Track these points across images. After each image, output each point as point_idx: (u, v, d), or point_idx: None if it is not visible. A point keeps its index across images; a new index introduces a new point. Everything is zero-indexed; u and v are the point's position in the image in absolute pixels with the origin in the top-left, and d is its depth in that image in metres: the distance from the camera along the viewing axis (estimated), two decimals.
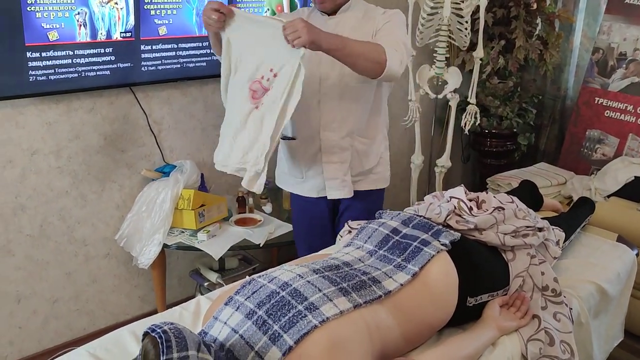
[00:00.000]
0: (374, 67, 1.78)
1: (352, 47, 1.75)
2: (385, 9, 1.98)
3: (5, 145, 2.10)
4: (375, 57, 1.77)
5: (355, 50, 1.75)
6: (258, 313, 1.21)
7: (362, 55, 1.76)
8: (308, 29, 1.64)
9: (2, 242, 2.18)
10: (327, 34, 1.72)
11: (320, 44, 1.68)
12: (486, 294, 1.49)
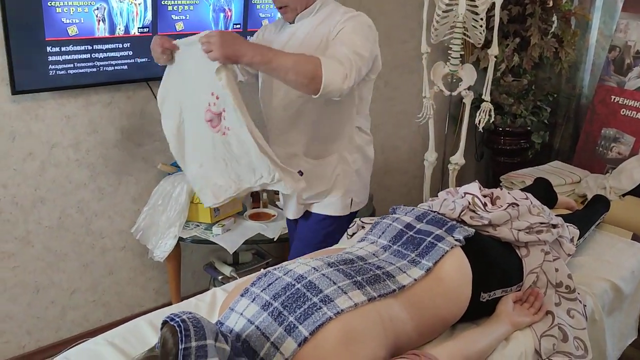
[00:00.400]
0: (307, 84, 1.58)
1: (279, 61, 1.57)
2: (351, 11, 1.80)
3: (26, 138, 2.14)
4: (308, 72, 1.57)
5: (283, 64, 1.57)
6: (274, 305, 1.23)
7: (291, 70, 1.57)
8: (222, 42, 1.51)
9: (22, 233, 2.22)
10: (250, 47, 1.57)
11: (238, 58, 1.55)
12: (499, 289, 1.50)
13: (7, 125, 2.09)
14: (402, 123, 3.48)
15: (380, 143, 3.42)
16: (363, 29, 1.75)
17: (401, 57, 3.32)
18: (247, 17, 2.53)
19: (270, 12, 2.60)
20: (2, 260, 2.20)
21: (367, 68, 1.75)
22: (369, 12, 3.02)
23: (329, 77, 1.58)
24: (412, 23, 3.29)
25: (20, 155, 2.14)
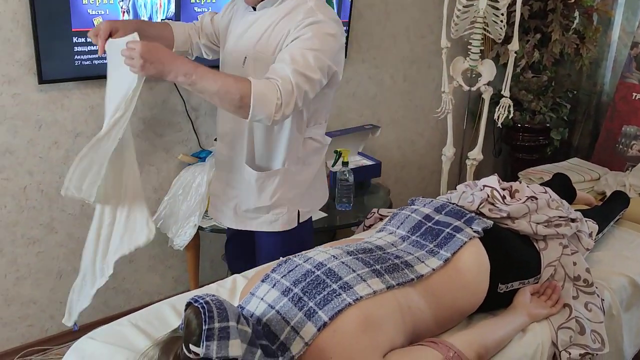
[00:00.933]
0: (234, 111, 1.48)
1: (203, 83, 1.45)
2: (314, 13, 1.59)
3: (52, 126, 2.18)
4: (234, 100, 1.44)
5: (208, 88, 1.45)
6: (294, 290, 1.25)
7: (215, 95, 1.46)
8: (146, 57, 1.40)
9: (47, 219, 2.27)
10: (175, 65, 1.43)
11: (163, 75, 1.44)
12: (517, 281, 1.51)
13: (34, 114, 2.13)
14: (420, 118, 3.49)
15: (397, 137, 3.43)
16: (322, 41, 1.56)
17: (419, 52, 3.32)
18: None
19: None
20: (27, 246, 2.25)
21: (316, 89, 1.57)
22: (387, 6, 3.05)
23: (259, 107, 1.45)
24: (432, 18, 3.29)
25: (45, 143, 2.19)
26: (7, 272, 2.23)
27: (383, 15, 3.07)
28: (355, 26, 2.96)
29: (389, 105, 3.30)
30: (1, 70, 2.03)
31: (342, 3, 2.78)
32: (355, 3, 2.87)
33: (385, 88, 3.24)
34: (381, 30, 3.10)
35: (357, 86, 3.11)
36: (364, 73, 3.11)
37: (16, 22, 2.01)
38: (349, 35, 2.89)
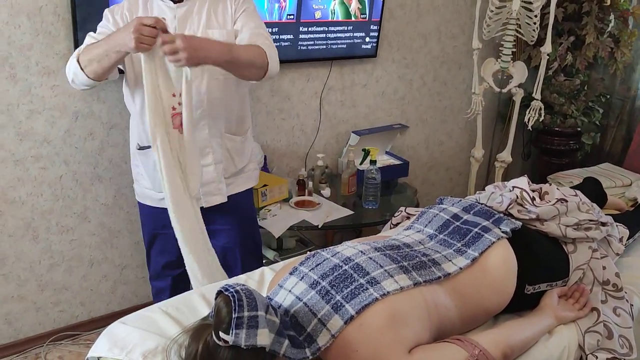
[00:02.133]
0: (259, 73, 1.73)
1: (239, 56, 1.64)
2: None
3: (88, 118, 2.24)
4: (261, 62, 1.70)
5: (243, 58, 1.65)
6: (322, 284, 1.27)
7: (250, 63, 1.68)
8: (189, 48, 1.50)
9: (80, 209, 2.33)
10: (213, 48, 1.58)
11: (207, 61, 1.57)
12: (545, 283, 1.50)
13: (72, 105, 2.20)
14: (449, 118, 3.47)
15: (426, 138, 3.42)
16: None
17: (450, 53, 3.31)
18: (300, 8, 2.58)
19: (323, 4, 2.64)
20: (62, 234, 2.32)
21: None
22: (419, 6, 3.05)
23: (272, 63, 1.74)
24: (463, 18, 3.28)
25: (81, 134, 2.25)
26: (41, 259, 2.30)
27: (414, 15, 3.07)
28: (387, 25, 2.97)
29: (418, 105, 3.30)
30: (42, 62, 2.09)
31: (373, 2, 2.79)
32: (386, 3, 2.88)
33: (414, 88, 3.24)
34: (412, 30, 3.10)
35: (387, 85, 3.11)
36: (394, 73, 3.12)
37: (57, 16, 2.07)
38: (379, 34, 2.89)
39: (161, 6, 1.78)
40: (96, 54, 1.62)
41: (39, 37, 2.06)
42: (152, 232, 2.01)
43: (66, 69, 1.73)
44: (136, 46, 1.52)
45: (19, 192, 2.18)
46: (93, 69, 1.64)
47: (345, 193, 2.72)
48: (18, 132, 2.12)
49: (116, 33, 1.61)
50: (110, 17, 1.77)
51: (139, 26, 1.51)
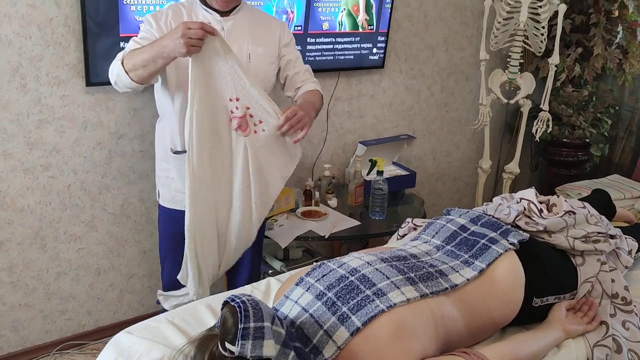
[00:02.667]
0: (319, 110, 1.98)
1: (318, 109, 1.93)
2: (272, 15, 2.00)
3: (97, 128, 2.26)
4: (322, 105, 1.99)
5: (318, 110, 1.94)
6: (328, 295, 1.27)
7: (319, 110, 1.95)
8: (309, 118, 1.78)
9: (88, 218, 2.34)
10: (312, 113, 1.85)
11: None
12: (553, 295, 1.49)
13: (81, 115, 2.21)
14: (456, 129, 3.47)
15: (433, 149, 3.42)
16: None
17: (458, 64, 3.31)
18: (308, 19, 2.60)
19: (331, 15, 2.66)
20: (69, 242, 2.33)
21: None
22: (426, 18, 3.06)
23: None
24: (471, 30, 3.28)
25: (90, 144, 2.27)
26: (49, 267, 2.31)
27: (422, 26, 3.08)
28: (394, 37, 2.98)
29: (425, 116, 3.30)
30: (52, 73, 2.11)
31: (381, 14, 2.81)
32: (394, 14, 2.89)
33: (422, 99, 3.24)
34: (419, 42, 3.11)
35: (394, 96, 3.12)
36: (401, 83, 3.12)
37: (68, 27, 2.09)
38: (387, 45, 2.90)
39: (207, 17, 1.85)
40: (142, 59, 1.67)
41: (50, 48, 2.09)
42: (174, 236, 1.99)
43: (109, 71, 1.79)
44: (187, 50, 1.59)
45: (28, 200, 2.20)
46: (139, 74, 1.69)
47: (352, 203, 2.72)
48: (28, 141, 2.14)
49: (162, 39, 1.65)
50: (154, 23, 1.81)
51: (186, 30, 1.57)
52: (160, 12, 1.85)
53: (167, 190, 2.00)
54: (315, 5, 2.59)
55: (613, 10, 3.17)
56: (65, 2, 2.07)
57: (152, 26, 1.81)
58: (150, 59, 1.66)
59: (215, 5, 1.83)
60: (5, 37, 2.00)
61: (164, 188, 2.01)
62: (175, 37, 1.58)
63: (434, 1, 3.07)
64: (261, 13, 2.02)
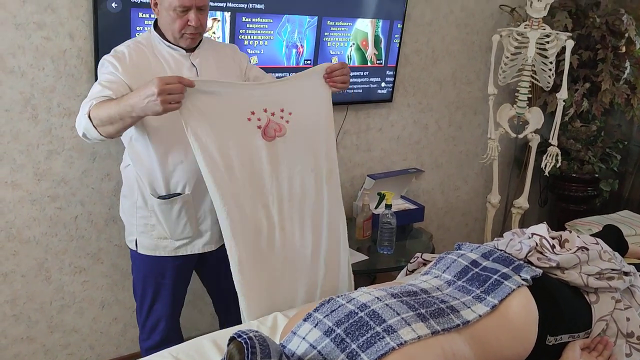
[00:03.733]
0: None
1: None
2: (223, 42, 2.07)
3: (105, 159, 2.27)
4: None
5: None
6: (336, 331, 1.24)
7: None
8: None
9: (94, 250, 2.33)
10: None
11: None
12: (567, 334, 1.45)
13: (90, 147, 2.22)
14: (465, 163, 3.46)
15: (441, 182, 3.40)
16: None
17: (466, 98, 3.33)
18: (317, 53, 2.62)
19: (340, 50, 2.68)
20: (74, 274, 2.31)
21: None
22: (434, 52, 3.09)
23: None
24: (478, 64, 3.31)
25: (98, 175, 2.27)
26: (52, 300, 2.29)
27: (430, 61, 3.11)
28: (402, 71, 3.00)
29: (433, 149, 3.30)
30: (63, 104, 2.13)
31: (389, 48, 2.83)
32: (402, 49, 2.92)
33: (430, 132, 3.24)
34: (427, 76, 3.13)
35: (402, 130, 3.12)
36: (409, 117, 3.13)
37: (80, 59, 2.12)
38: (395, 79, 2.92)
39: (173, 54, 1.78)
40: (108, 115, 1.55)
41: (62, 79, 2.11)
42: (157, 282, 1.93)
43: (76, 123, 1.66)
44: (164, 108, 1.48)
45: (34, 231, 2.19)
46: (106, 130, 1.59)
47: (360, 237, 2.70)
48: (36, 172, 2.14)
49: (130, 97, 1.53)
50: (119, 66, 1.70)
51: (164, 86, 1.46)
52: (121, 53, 1.74)
53: (148, 238, 1.87)
54: (325, 40, 2.62)
55: (620, 46, 3.19)
56: (79, 34, 2.10)
57: (117, 69, 1.69)
58: (118, 116, 1.54)
59: (183, 44, 1.76)
60: (18, 68, 2.03)
61: (143, 236, 1.88)
62: (148, 95, 1.46)
63: (441, 36, 3.10)
64: (216, 43, 1.98)
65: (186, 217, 1.83)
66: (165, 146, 1.75)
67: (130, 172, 1.87)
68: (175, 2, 1.67)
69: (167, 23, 1.73)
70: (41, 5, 2.02)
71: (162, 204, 1.80)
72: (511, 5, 3.25)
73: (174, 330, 2.04)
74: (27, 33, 2.01)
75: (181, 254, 1.90)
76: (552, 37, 2.82)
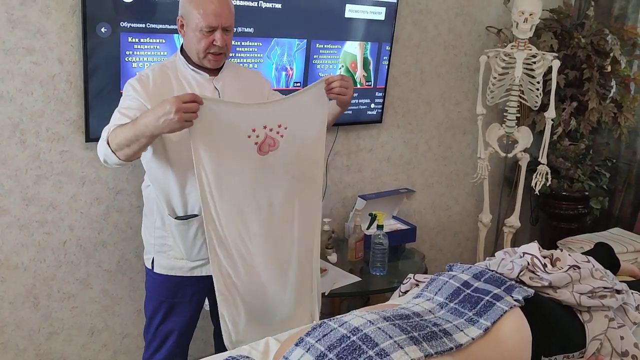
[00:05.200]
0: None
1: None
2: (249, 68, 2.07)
3: (95, 183, 2.25)
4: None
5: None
6: (329, 356, 1.22)
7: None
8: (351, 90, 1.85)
9: (83, 275, 2.30)
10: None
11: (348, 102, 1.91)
12: (561, 354, 1.44)
13: (79, 171, 2.21)
14: (455, 183, 3.47)
15: (432, 202, 3.40)
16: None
17: (455, 118, 3.35)
18: (307, 76, 2.64)
19: (329, 72, 2.70)
20: (62, 301, 2.27)
21: None
22: (422, 74, 3.12)
23: None
24: (467, 85, 3.34)
25: (87, 199, 2.25)
26: (40, 327, 2.25)
27: (418, 82, 3.13)
28: (391, 92, 3.02)
29: (423, 170, 3.30)
30: (52, 128, 2.12)
31: (378, 70, 2.86)
32: (391, 70, 2.94)
33: (420, 153, 3.26)
34: (416, 97, 3.15)
35: (392, 150, 3.13)
36: (399, 138, 3.14)
37: (69, 84, 2.12)
38: (384, 101, 2.94)
39: (197, 78, 1.82)
40: (125, 138, 1.60)
41: (51, 104, 2.10)
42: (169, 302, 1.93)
43: (97, 150, 1.72)
44: (182, 126, 1.55)
45: (22, 257, 2.16)
46: (124, 153, 1.63)
47: (352, 258, 2.68)
48: (24, 197, 2.12)
49: (144, 117, 1.57)
50: (142, 91, 1.73)
51: (180, 105, 1.51)
52: (145, 77, 1.77)
53: (164, 258, 1.89)
54: (314, 62, 2.64)
55: (605, 65, 3.23)
56: (68, 59, 2.10)
57: (139, 94, 1.73)
58: (133, 137, 1.58)
59: (207, 64, 1.80)
60: (7, 93, 2.02)
61: (160, 256, 1.90)
62: (165, 113, 1.51)
63: (430, 58, 3.14)
64: (241, 68, 2.04)
65: (202, 239, 1.83)
66: (182, 167, 1.78)
67: (151, 192, 1.89)
68: (202, 22, 1.72)
69: (192, 43, 1.78)
70: (30, 31, 2.02)
71: (180, 224, 1.83)
72: (497, 27, 3.30)
73: (180, 352, 2.02)
74: (16, 58, 2.01)
75: (196, 274, 1.90)
76: (538, 57, 2.85)
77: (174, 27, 2.19)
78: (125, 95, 1.77)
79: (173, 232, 1.85)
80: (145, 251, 1.97)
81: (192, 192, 1.81)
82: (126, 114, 1.69)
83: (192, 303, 1.96)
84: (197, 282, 1.92)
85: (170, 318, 1.95)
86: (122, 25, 2.10)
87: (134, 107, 1.72)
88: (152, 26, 2.16)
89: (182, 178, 1.80)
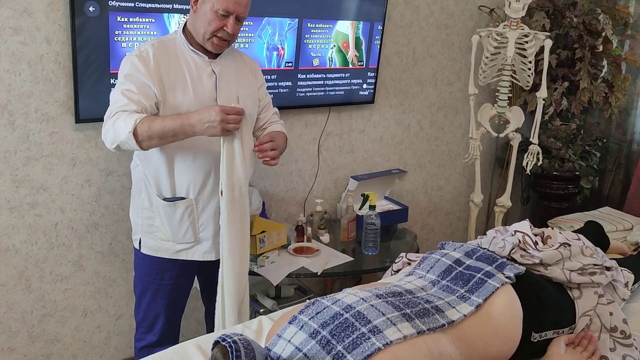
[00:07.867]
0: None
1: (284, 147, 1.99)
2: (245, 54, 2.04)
3: (85, 165, 2.23)
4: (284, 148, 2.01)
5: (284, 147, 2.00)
6: (322, 333, 1.23)
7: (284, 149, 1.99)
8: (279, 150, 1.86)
9: (75, 257, 2.29)
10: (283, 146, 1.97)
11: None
12: (551, 330, 1.46)
13: (69, 152, 2.19)
14: (447, 163, 3.48)
15: (424, 183, 3.41)
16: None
17: (447, 98, 3.35)
18: (298, 56, 2.62)
19: (321, 52, 2.68)
20: (55, 283, 2.27)
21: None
22: (415, 54, 3.10)
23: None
24: (459, 65, 3.33)
25: (78, 181, 2.24)
26: (33, 309, 2.25)
27: (411, 62, 3.12)
28: (383, 72, 3.00)
29: (415, 150, 3.31)
30: (41, 109, 2.10)
31: (370, 50, 2.84)
32: (383, 50, 2.93)
33: (412, 133, 3.25)
34: (409, 77, 3.14)
35: (384, 131, 3.13)
36: (391, 118, 3.14)
37: (58, 64, 2.09)
38: (376, 81, 2.93)
39: (196, 60, 1.83)
40: (161, 132, 1.64)
41: (39, 84, 2.08)
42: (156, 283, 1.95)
43: (104, 135, 1.71)
44: (222, 135, 1.68)
45: (13, 240, 2.15)
46: (149, 144, 1.67)
47: (344, 239, 2.69)
48: (14, 179, 2.11)
49: (189, 117, 1.65)
50: (142, 67, 1.73)
51: (225, 116, 1.63)
52: (145, 53, 1.76)
53: (151, 239, 1.91)
54: (306, 42, 2.62)
55: (597, 45, 3.23)
56: (56, 39, 2.07)
57: (140, 71, 1.72)
58: (171, 133, 1.65)
59: (210, 47, 1.80)
60: None
61: (147, 237, 1.92)
62: (210, 121, 1.62)
63: (422, 37, 3.12)
64: (242, 54, 2.02)
65: (188, 222, 1.87)
66: (173, 149, 1.79)
67: (139, 172, 1.90)
68: (220, 5, 1.72)
69: (202, 22, 1.76)
70: (17, 10, 1.99)
71: (167, 206, 1.85)
72: (490, 6, 3.28)
73: (171, 334, 2.04)
74: (3, 38, 1.98)
75: (182, 258, 1.92)
76: (530, 36, 2.85)
77: (164, 6, 2.17)
78: (126, 74, 1.75)
79: (160, 213, 1.87)
80: (133, 232, 1.99)
81: (181, 175, 1.83)
82: (130, 97, 1.69)
83: (178, 285, 1.98)
84: (183, 265, 1.93)
85: (158, 299, 1.97)
86: (111, 4, 2.07)
87: (136, 89, 1.71)
88: (141, 5, 2.13)
89: (172, 160, 1.81)
